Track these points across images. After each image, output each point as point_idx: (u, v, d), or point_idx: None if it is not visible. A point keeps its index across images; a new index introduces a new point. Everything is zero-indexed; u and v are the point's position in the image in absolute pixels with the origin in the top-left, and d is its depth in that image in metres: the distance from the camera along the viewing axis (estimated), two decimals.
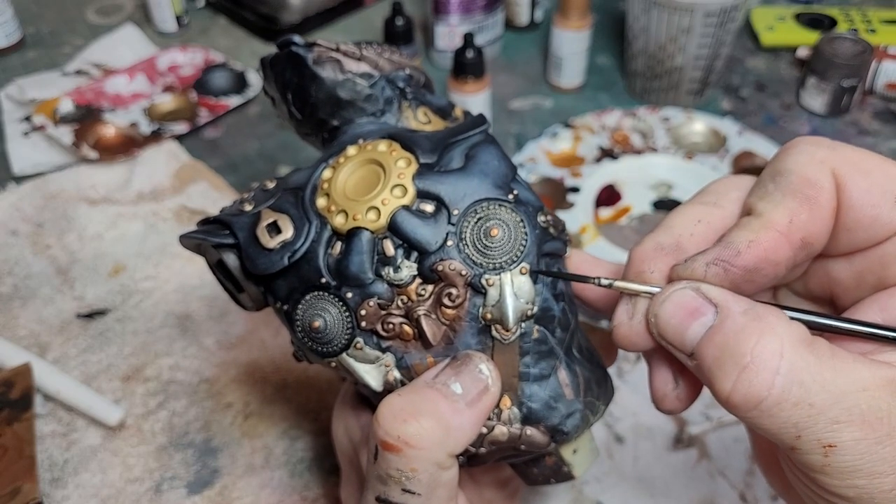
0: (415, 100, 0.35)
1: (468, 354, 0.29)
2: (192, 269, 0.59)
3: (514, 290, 0.29)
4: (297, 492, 0.45)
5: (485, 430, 0.30)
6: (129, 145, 0.70)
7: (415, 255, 0.29)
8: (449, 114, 0.36)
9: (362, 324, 0.30)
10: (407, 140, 0.31)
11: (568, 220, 0.62)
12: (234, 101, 0.76)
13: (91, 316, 0.55)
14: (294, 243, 0.30)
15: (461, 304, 0.29)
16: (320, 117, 0.35)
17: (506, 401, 0.30)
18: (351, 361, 0.30)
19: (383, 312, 0.30)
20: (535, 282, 0.29)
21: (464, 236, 0.29)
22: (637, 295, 0.27)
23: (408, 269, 0.29)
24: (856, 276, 0.27)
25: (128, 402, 0.50)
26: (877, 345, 0.25)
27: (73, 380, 0.50)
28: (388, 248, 0.29)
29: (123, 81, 0.77)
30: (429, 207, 0.30)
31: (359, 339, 0.30)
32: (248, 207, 0.33)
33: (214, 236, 0.32)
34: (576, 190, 0.65)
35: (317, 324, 0.30)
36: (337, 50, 0.34)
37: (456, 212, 0.29)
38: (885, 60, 0.74)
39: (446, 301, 0.29)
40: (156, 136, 0.71)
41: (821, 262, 0.28)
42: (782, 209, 0.25)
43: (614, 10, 0.91)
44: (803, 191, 0.25)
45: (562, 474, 0.33)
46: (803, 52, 0.80)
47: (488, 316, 0.29)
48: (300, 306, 0.30)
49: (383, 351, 0.30)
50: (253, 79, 0.78)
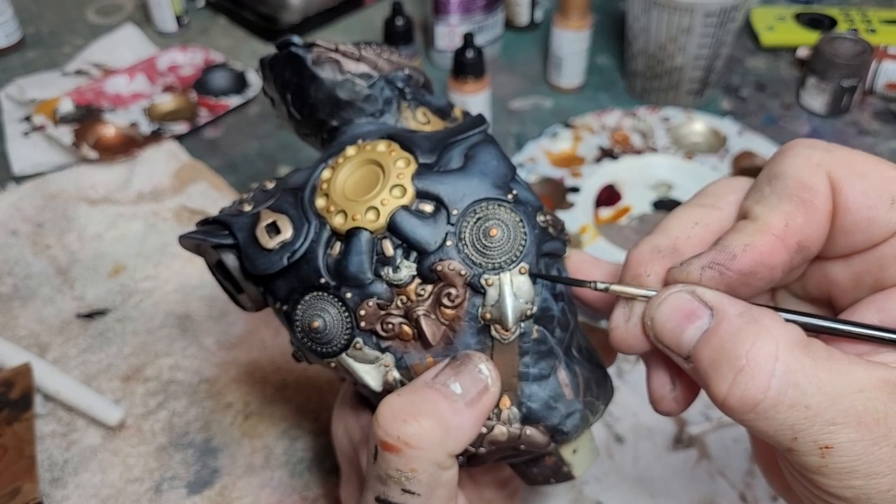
0: (414, 100, 0.35)
1: (468, 354, 0.29)
2: (192, 269, 0.59)
3: (514, 290, 0.29)
4: (297, 492, 0.45)
5: (484, 430, 0.30)
6: (129, 145, 0.70)
7: (414, 255, 0.29)
8: (448, 114, 0.36)
9: (361, 324, 0.30)
10: (406, 140, 0.31)
11: (568, 220, 0.62)
12: (234, 101, 0.76)
13: (91, 316, 0.56)
14: (293, 244, 0.30)
15: (460, 304, 0.29)
16: (319, 118, 0.35)
17: (505, 401, 0.30)
18: (350, 362, 0.30)
19: (382, 312, 0.30)
20: (534, 282, 0.29)
21: (463, 236, 0.29)
22: (633, 298, 0.27)
23: (407, 269, 0.29)
24: (853, 278, 0.27)
25: (128, 402, 0.50)
26: (873, 346, 0.25)
27: (73, 380, 0.50)
28: (388, 248, 0.29)
29: (123, 81, 0.77)
30: (428, 207, 0.30)
31: (358, 339, 0.30)
32: (247, 208, 0.33)
33: (214, 237, 0.32)
34: (576, 190, 0.65)
35: (316, 324, 0.30)
36: (336, 50, 0.34)
37: (455, 212, 0.29)
38: (885, 60, 0.74)
39: (445, 301, 0.29)
40: (156, 136, 0.71)
41: (818, 264, 0.28)
42: (778, 213, 0.25)
43: (614, 10, 0.91)
44: (799, 194, 0.25)
45: (562, 474, 0.33)
46: (803, 52, 0.80)
47: (488, 316, 0.29)
48: (299, 307, 0.30)
49: (383, 351, 0.30)
50: (253, 79, 0.78)
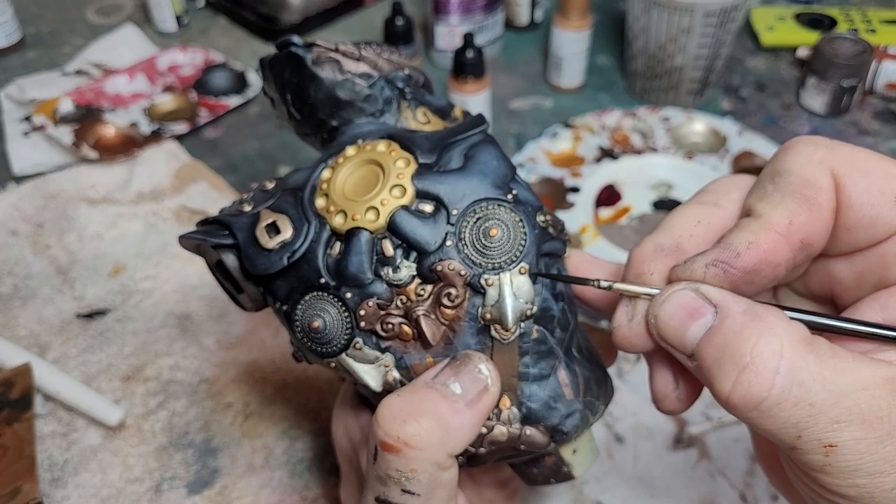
0: (414, 100, 0.35)
1: (467, 354, 0.29)
2: (192, 269, 0.59)
3: (514, 290, 0.29)
4: (297, 492, 0.45)
5: (484, 431, 0.30)
6: (129, 145, 0.70)
7: (414, 255, 0.29)
8: (448, 114, 0.36)
9: (361, 324, 0.29)
10: (406, 140, 0.31)
11: (568, 220, 0.61)
12: (234, 101, 0.76)
13: (91, 316, 0.55)
14: (293, 243, 0.30)
15: (460, 304, 0.29)
16: (319, 117, 0.35)
17: (505, 401, 0.30)
18: (350, 362, 0.30)
19: (382, 312, 0.29)
20: (534, 282, 0.29)
21: (463, 236, 0.29)
22: (637, 297, 0.27)
23: (407, 269, 0.29)
24: (856, 276, 0.27)
25: (128, 402, 0.50)
26: (877, 344, 0.25)
27: (73, 380, 0.50)
28: (388, 248, 0.29)
29: (123, 81, 0.77)
30: (428, 207, 0.30)
31: (358, 339, 0.30)
32: (247, 208, 0.33)
33: (214, 237, 0.32)
34: (576, 190, 0.65)
35: (316, 324, 0.30)
36: (336, 50, 0.34)
37: (455, 212, 0.29)
38: (885, 60, 0.74)
39: (445, 301, 0.29)
40: (156, 136, 0.71)
41: (821, 261, 0.28)
42: (781, 210, 0.25)
43: (614, 10, 0.91)
44: (802, 192, 0.25)
45: (562, 474, 0.33)
46: (803, 52, 0.79)
47: (487, 316, 0.29)
48: (299, 307, 0.30)
49: (382, 351, 0.30)
50: (253, 79, 0.78)
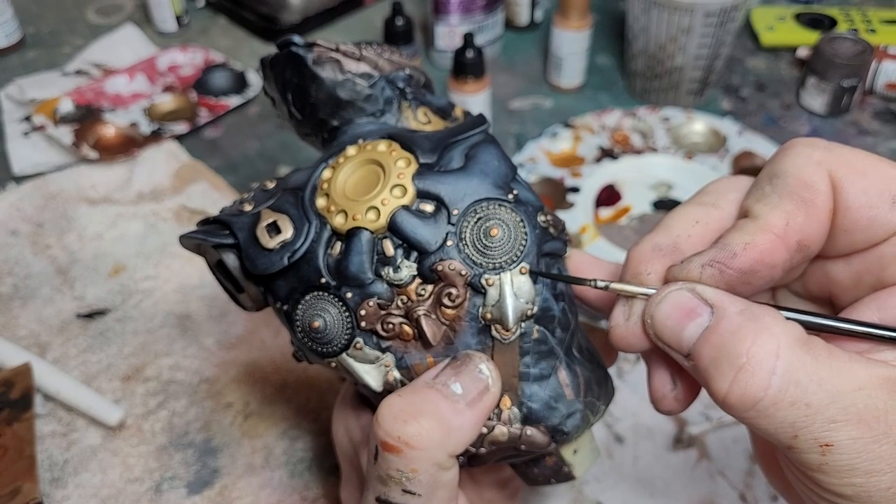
0: (415, 100, 0.35)
1: (468, 354, 0.29)
2: (192, 269, 0.59)
3: (514, 290, 0.29)
4: (297, 492, 0.45)
5: (485, 431, 0.30)
6: (129, 145, 0.70)
7: (414, 255, 0.29)
8: (449, 114, 0.36)
9: (362, 324, 0.30)
10: (407, 140, 0.31)
11: (568, 220, 0.62)
12: (234, 101, 0.76)
13: (91, 316, 0.55)
14: (294, 243, 0.30)
15: (461, 304, 0.29)
16: (320, 117, 0.35)
17: (506, 401, 0.30)
18: (351, 361, 0.30)
19: (383, 312, 0.30)
20: (535, 282, 0.29)
21: (463, 236, 0.29)
22: (633, 296, 0.27)
23: (407, 269, 0.29)
24: (854, 277, 0.27)
25: (128, 402, 0.50)
26: (873, 344, 0.25)
27: (73, 380, 0.50)
28: (388, 248, 0.29)
29: (123, 81, 0.77)
30: (428, 207, 0.30)
31: (358, 339, 0.30)
32: (247, 208, 0.33)
33: (214, 236, 0.32)
34: (576, 190, 0.65)
35: (316, 324, 0.30)
36: (337, 50, 0.34)
37: (456, 212, 0.29)
38: (885, 60, 0.74)
39: (446, 301, 0.29)
40: (156, 136, 0.71)
41: (819, 262, 0.28)
42: (779, 212, 0.25)
43: (614, 10, 0.91)
44: (800, 193, 0.25)
45: (562, 474, 0.33)
46: (803, 52, 0.80)
47: (488, 316, 0.29)
48: (300, 306, 0.30)
49: (383, 351, 0.30)
50: (253, 79, 0.78)
